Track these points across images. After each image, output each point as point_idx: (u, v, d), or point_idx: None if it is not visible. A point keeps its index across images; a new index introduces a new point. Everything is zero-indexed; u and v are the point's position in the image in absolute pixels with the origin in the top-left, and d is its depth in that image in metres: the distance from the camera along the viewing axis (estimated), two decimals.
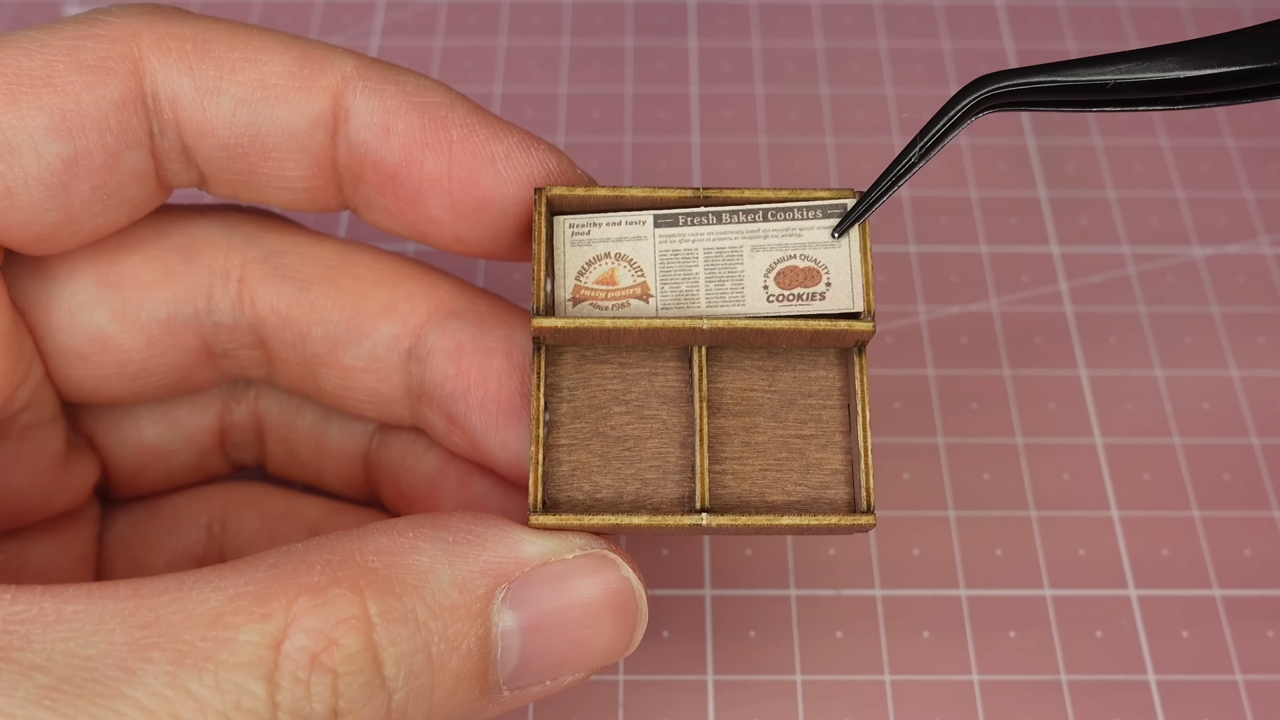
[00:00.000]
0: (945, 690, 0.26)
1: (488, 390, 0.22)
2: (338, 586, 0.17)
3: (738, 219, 0.21)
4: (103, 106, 0.20)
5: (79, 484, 0.23)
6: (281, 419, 0.25)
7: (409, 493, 0.24)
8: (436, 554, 0.18)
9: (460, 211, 0.21)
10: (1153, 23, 0.37)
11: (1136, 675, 0.26)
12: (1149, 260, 0.32)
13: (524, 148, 0.21)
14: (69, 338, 0.22)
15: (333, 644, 0.17)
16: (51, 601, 0.17)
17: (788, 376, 0.21)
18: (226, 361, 0.23)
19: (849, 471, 0.21)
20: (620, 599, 0.20)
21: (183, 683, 0.16)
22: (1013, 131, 0.34)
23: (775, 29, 0.37)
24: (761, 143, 0.34)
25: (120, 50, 0.20)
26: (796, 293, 0.21)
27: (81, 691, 0.16)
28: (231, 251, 0.22)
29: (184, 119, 0.20)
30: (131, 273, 0.22)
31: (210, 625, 0.17)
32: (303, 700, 0.17)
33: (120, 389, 0.22)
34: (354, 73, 0.21)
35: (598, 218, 0.21)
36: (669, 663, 0.26)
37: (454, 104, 0.21)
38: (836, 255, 0.21)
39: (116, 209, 0.21)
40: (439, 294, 0.22)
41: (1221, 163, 0.34)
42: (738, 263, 0.21)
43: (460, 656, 0.18)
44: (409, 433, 0.24)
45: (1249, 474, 0.29)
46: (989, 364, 0.30)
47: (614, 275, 0.21)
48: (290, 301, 0.22)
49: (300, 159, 0.21)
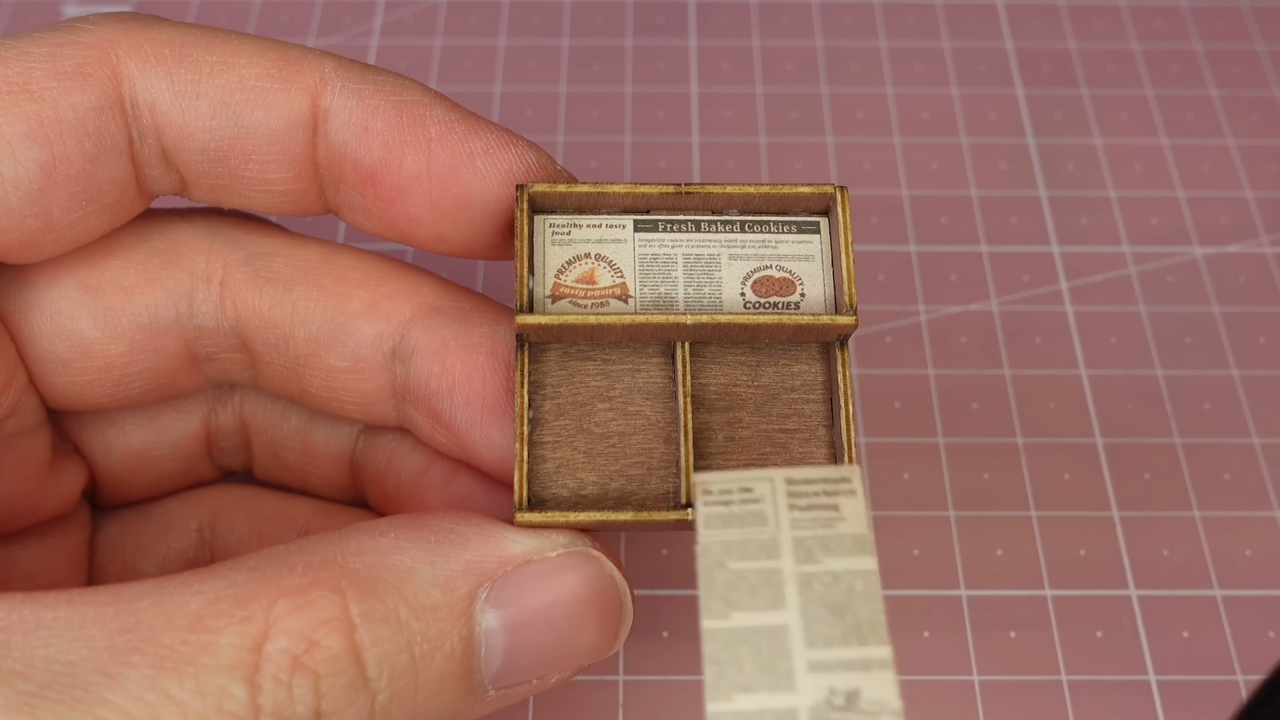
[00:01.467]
0: (945, 690, 0.26)
1: (472, 387, 0.22)
2: (319, 588, 0.17)
3: (716, 229, 0.21)
4: (80, 112, 0.20)
5: (66, 490, 0.23)
6: (267, 422, 0.25)
7: (395, 493, 0.24)
8: (418, 554, 0.18)
9: (440, 209, 0.21)
10: (1153, 22, 0.37)
11: (1136, 675, 0.26)
12: (1149, 260, 0.32)
13: (502, 144, 0.21)
14: (50, 344, 0.22)
15: (314, 645, 0.17)
16: (31, 608, 0.17)
17: (771, 371, 0.21)
18: (210, 366, 0.23)
19: (832, 465, 0.21)
20: (604, 596, 0.20)
21: (164, 686, 0.16)
22: (1013, 131, 0.34)
23: (775, 29, 0.37)
24: (761, 142, 0.34)
25: (98, 56, 0.20)
26: (772, 301, 0.21)
27: (62, 697, 0.16)
28: (213, 255, 0.22)
29: (163, 123, 0.20)
30: (112, 278, 0.22)
31: (191, 629, 0.17)
32: (285, 702, 0.17)
33: (104, 395, 0.22)
34: (332, 73, 0.21)
35: (578, 218, 0.21)
36: (669, 663, 0.26)
37: (432, 102, 0.21)
38: (810, 268, 0.21)
39: (96, 215, 0.21)
40: (422, 292, 0.22)
41: (1222, 163, 0.34)
42: (716, 269, 0.21)
43: (443, 656, 0.18)
44: (394, 433, 0.24)
45: (1249, 474, 0.29)
46: (989, 364, 0.30)
47: (594, 275, 0.21)
48: (273, 303, 0.22)
49: (281, 161, 0.21)
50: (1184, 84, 0.35)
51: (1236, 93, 0.35)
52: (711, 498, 0.18)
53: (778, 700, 0.16)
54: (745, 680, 0.16)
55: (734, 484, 0.18)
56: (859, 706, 0.15)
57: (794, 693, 0.16)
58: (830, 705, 0.16)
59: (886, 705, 0.15)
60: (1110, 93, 0.35)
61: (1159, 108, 0.35)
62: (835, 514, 0.18)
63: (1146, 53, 0.36)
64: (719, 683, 0.16)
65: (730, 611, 0.17)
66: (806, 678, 0.16)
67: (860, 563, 0.17)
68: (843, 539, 0.17)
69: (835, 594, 0.17)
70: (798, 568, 0.17)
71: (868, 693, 0.16)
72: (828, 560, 0.17)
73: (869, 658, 0.16)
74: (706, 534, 0.17)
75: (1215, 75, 0.36)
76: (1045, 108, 0.35)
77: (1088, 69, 0.36)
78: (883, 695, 0.16)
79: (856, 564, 0.17)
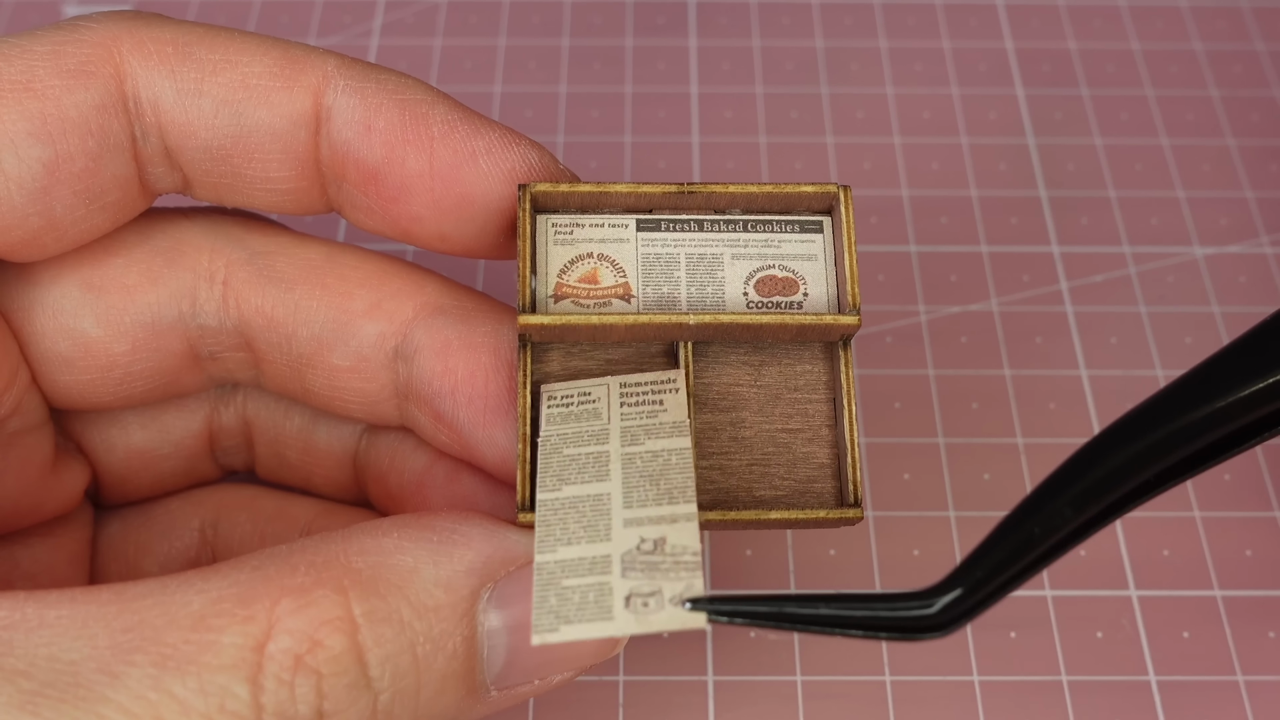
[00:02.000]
0: (945, 690, 0.26)
1: (474, 387, 0.22)
2: (321, 588, 0.17)
3: (718, 228, 0.21)
4: (83, 110, 0.20)
5: (69, 489, 0.23)
6: (270, 422, 0.25)
7: (398, 493, 0.24)
8: (421, 554, 0.18)
9: (442, 208, 0.21)
10: (1153, 23, 0.37)
11: (1136, 675, 0.26)
12: (1149, 260, 0.32)
13: (505, 143, 0.21)
14: (53, 343, 0.22)
15: (317, 645, 0.17)
16: (34, 607, 0.17)
17: (773, 371, 0.21)
18: (213, 365, 0.23)
19: (836, 465, 0.21)
20: None
21: (166, 685, 0.16)
22: (1013, 131, 0.34)
23: (775, 29, 0.37)
24: (761, 142, 0.34)
25: (100, 55, 0.20)
26: (775, 300, 0.21)
27: (65, 696, 0.16)
28: (216, 253, 0.22)
29: (166, 122, 0.20)
30: (115, 276, 0.22)
31: (193, 628, 0.17)
32: (287, 702, 0.17)
33: (107, 394, 0.22)
34: (335, 71, 0.21)
35: (581, 218, 0.21)
36: (669, 663, 0.26)
37: (435, 101, 0.21)
38: (813, 267, 0.21)
39: (99, 214, 0.21)
40: (425, 291, 0.22)
41: (1222, 163, 0.34)
42: (719, 269, 0.21)
43: (446, 657, 0.18)
44: (397, 433, 0.24)
45: (1249, 474, 0.29)
46: (989, 364, 0.30)
47: (596, 275, 0.21)
48: (275, 302, 0.22)
49: (283, 159, 0.21)
50: (1184, 84, 0.35)
51: (1236, 93, 0.35)
52: (555, 401, 0.20)
53: (595, 550, 0.18)
54: (569, 536, 0.18)
55: (574, 390, 0.21)
56: (664, 550, 0.18)
57: (609, 543, 0.18)
58: (640, 551, 0.18)
59: (688, 548, 0.18)
60: (1110, 93, 0.35)
61: (1159, 108, 0.35)
62: (660, 408, 0.20)
63: (1146, 53, 0.36)
64: (546, 539, 0.18)
65: (561, 486, 0.19)
66: (621, 531, 0.18)
67: (677, 442, 0.19)
68: (663, 425, 0.20)
69: (653, 467, 0.19)
70: (622, 449, 0.19)
71: (673, 539, 0.18)
72: (649, 442, 0.19)
73: (676, 513, 0.18)
74: (548, 429, 0.20)
75: (1215, 75, 0.36)
76: (1045, 108, 0.35)
77: (1088, 69, 0.36)
78: (686, 541, 0.18)
79: (673, 444, 0.19)
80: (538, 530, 0.19)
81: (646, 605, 0.17)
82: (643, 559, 0.18)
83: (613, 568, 0.18)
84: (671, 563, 0.18)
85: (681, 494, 0.19)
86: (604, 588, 0.18)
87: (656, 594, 0.17)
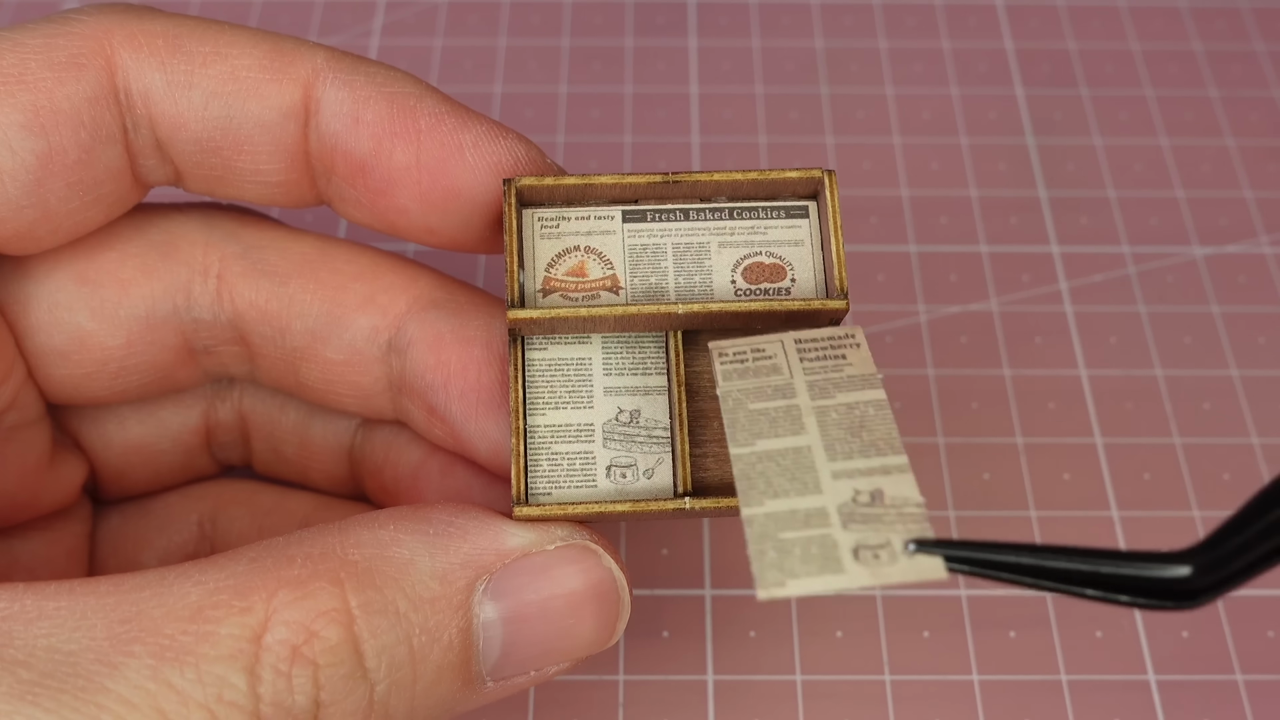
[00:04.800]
0: (945, 690, 0.26)
1: (467, 380, 0.22)
2: (318, 579, 0.17)
3: (704, 216, 0.21)
4: (75, 102, 0.20)
5: (67, 484, 0.23)
6: (266, 417, 0.25)
7: (393, 486, 0.24)
8: (417, 546, 0.19)
9: (429, 201, 0.21)
10: (1153, 23, 0.37)
11: (1136, 675, 0.26)
12: (1149, 260, 0.32)
13: (492, 136, 0.21)
14: (49, 337, 0.22)
15: (313, 636, 0.17)
16: (33, 598, 0.17)
17: None
18: (208, 359, 0.23)
19: None
20: (602, 589, 0.20)
21: (164, 676, 0.16)
22: (1013, 131, 0.34)
23: (775, 29, 0.37)
24: (761, 142, 0.34)
25: (92, 47, 0.20)
26: (763, 287, 0.21)
27: (64, 686, 0.16)
28: (210, 247, 0.22)
29: (157, 113, 0.21)
30: (109, 270, 0.22)
31: (191, 619, 0.17)
32: (284, 692, 0.17)
33: (102, 388, 0.22)
34: (324, 64, 0.21)
35: (566, 211, 0.21)
36: (669, 663, 0.26)
37: (422, 94, 0.21)
38: (800, 253, 0.21)
39: (93, 206, 0.21)
40: (418, 285, 0.22)
41: (1221, 163, 0.34)
42: (705, 257, 0.21)
43: (442, 648, 0.18)
44: (392, 426, 0.24)
45: (1249, 474, 0.29)
46: (989, 364, 0.30)
47: (583, 267, 0.21)
48: (269, 296, 0.22)
49: (273, 151, 0.21)
50: (1184, 84, 0.36)
51: (1236, 93, 0.35)
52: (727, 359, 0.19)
53: (806, 502, 0.17)
54: (773, 489, 0.17)
55: (747, 346, 0.19)
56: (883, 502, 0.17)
57: (821, 495, 0.17)
58: (856, 503, 0.17)
59: (910, 499, 0.17)
60: (1110, 93, 0.35)
61: (1159, 108, 0.35)
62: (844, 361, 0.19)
63: (1146, 53, 0.36)
64: (750, 492, 0.17)
65: (754, 440, 0.18)
66: (831, 483, 0.17)
67: (871, 395, 0.18)
68: (853, 379, 0.19)
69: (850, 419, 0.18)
70: (813, 403, 0.18)
71: (891, 491, 0.17)
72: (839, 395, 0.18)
73: (888, 464, 0.17)
74: (725, 385, 0.19)
75: (1215, 75, 0.36)
76: (1045, 108, 0.35)
77: (1088, 69, 0.36)
78: (906, 492, 0.17)
79: (867, 395, 0.18)
80: (739, 484, 0.18)
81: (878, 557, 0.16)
82: (863, 510, 0.17)
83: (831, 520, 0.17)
84: (896, 514, 0.17)
85: (889, 445, 0.18)
86: (827, 540, 0.17)
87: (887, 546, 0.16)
